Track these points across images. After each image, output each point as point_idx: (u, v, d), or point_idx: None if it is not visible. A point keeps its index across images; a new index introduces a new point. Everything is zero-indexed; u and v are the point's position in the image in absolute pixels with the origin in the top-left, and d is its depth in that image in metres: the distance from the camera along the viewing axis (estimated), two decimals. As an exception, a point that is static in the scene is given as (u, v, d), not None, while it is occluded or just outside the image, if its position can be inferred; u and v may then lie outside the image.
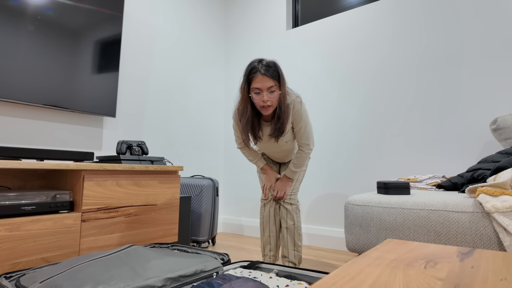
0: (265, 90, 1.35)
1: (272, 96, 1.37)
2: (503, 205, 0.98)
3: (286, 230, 1.60)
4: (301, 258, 1.61)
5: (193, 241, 2.25)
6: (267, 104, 1.37)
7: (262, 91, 1.36)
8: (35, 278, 0.91)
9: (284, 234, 1.61)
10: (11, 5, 1.61)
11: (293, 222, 1.60)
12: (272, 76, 1.36)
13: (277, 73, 1.38)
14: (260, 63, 1.38)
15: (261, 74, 1.35)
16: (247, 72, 1.41)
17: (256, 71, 1.36)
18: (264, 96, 1.35)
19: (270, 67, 1.37)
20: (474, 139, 1.85)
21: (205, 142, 2.85)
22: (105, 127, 2.12)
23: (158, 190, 1.76)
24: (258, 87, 1.36)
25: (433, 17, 2.04)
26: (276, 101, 1.40)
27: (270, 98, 1.37)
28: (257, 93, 1.37)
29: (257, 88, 1.36)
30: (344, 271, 0.49)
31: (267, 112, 1.40)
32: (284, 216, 1.61)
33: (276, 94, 1.38)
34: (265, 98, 1.36)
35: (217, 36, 3.07)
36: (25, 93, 1.66)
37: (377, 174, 2.16)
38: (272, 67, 1.38)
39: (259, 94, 1.36)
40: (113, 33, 2.05)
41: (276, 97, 1.38)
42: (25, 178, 1.63)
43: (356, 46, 2.34)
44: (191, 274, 1.01)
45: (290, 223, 1.60)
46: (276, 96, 1.38)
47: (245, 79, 1.41)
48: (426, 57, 2.05)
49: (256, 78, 1.36)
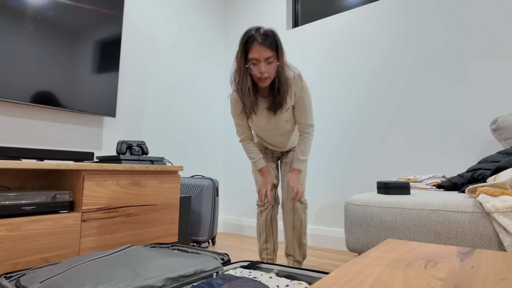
0: (262, 60, 1.27)
1: (270, 68, 1.29)
2: (503, 205, 0.98)
3: (293, 230, 1.54)
4: (305, 254, 1.59)
5: (193, 241, 2.25)
6: (264, 75, 1.29)
7: (260, 62, 1.27)
8: (35, 278, 0.91)
9: (289, 234, 1.55)
10: (11, 5, 1.61)
11: (300, 222, 1.54)
12: (270, 46, 1.27)
13: (275, 43, 1.29)
14: (257, 31, 1.28)
15: (259, 44, 1.25)
16: (243, 40, 1.30)
17: (253, 40, 1.26)
18: (261, 67, 1.27)
19: (268, 36, 1.27)
20: (474, 139, 1.85)
21: (205, 142, 2.85)
22: (105, 127, 2.12)
23: (158, 190, 1.76)
24: (255, 57, 1.27)
25: (433, 17, 2.04)
26: (274, 73, 1.32)
27: (268, 70, 1.28)
28: (254, 64, 1.28)
29: (254, 59, 1.27)
30: (344, 271, 0.49)
31: (264, 84, 1.32)
32: (290, 217, 1.53)
33: (274, 66, 1.29)
34: (263, 70, 1.27)
35: (217, 36, 3.07)
36: (25, 93, 1.66)
37: (377, 174, 2.16)
38: (271, 37, 1.28)
39: (256, 65, 1.28)
40: (113, 33, 2.05)
41: (274, 68, 1.30)
42: (25, 178, 1.63)
43: (356, 46, 2.34)
44: (191, 274, 1.01)
45: (297, 224, 1.54)
46: (274, 68, 1.30)
47: (241, 48, 1.31)
48: (425, 57, 2.05)
49: (254, 48, 1.26)
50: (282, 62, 1.33)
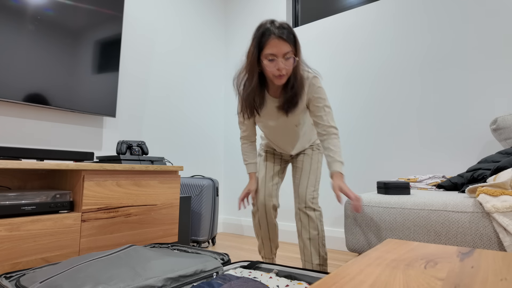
0: (280, 56, 1.16)
1: (288, 63, 1.18)
2: (503, 205, 0.98)
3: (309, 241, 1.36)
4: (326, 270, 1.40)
5: (193, 241, 2.25)
6: (282, 72, 1.18)
7: (277, 57, 1.16)
8: (35, 278, 0.91)
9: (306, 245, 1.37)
10: (11, 5, 1.61)
11: (317, 231, 1.36)
12: (288, 39, 1.16)
13: (292, 36, 1.18)
14: (272, 24, 1.17)
15: (276, 37, 1.14)
16: (258, 35, 1.18)
17: (269, 34, 1.15)
18: (279, 63, 1.16)
19: (285, 29, 1.16)
20: (474, 139, 1.85)
21: (205, 142, 2.85)
22: (105, 127, 2.12)
23: (158, 190, 1.76)
24: (273, 52, 1.16)
25: (433, 17, 2.04)
26: (291, 70, 1.21)
27: (286, 66, 1.18)
28: (271, 60, 1.17)
29: (272, 54, 1.16)
30: (344, 271, 0.49)
31: (281, 81, 1.21)
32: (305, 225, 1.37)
33: (292, 61, 1.19)
34: (281, 66, 1.16)
35: (217, 36, 3.07)
36: (25, 93, 1.66)
37: (377, 174, 2.16)
38: (287, 29, 1.17)
39: (273, 61, 1.17)
40: (113, 33, 2.05)
41: (292, 64, 1.19)
42: (25, 178, 1.63)
43: (356, 47, 2.34)
44: (191, 274, 1.01)
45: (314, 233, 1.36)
46: (292, 63, 1.19)
47: (255, 43, 1.19)
48: (425, 57, 2.05)
49: (271, 42, 1.15)
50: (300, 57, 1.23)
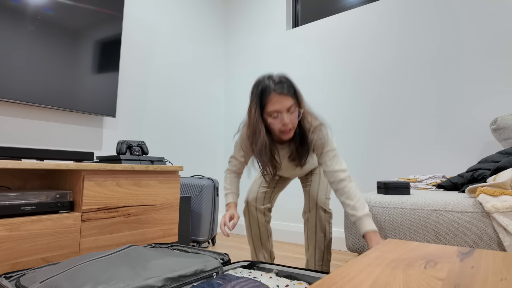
0: (284, 111, 1.12)
1: (293, 117, 1.14)
2: (503, 205, 0.98)
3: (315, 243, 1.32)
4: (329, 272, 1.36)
5: (193, 241, 2.25)
6: (288, 127, 1.14)
7: (281, 113, 1.13)
8: (35, 278, 0.91)
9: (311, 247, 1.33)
10: (11, 5, 1.61)
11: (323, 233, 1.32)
12: (289, 93, 1.12)
13: (292, 88, 1.15)
14: (270, 80, 1.15)
15: (277, 93, 1.11)
16: (257, 93, 1.15)
17: (270, 92, 1.12)
18: (284, 118, 1.12)
19: (283, 83, 1.14)
20: (474, 139, 1.85)
21: (205, 142, 2.85)
22: (105, 127, 2.12)
23: (158, 190, 1.76)
24: (276, 109, 1.12)
25: (433, 17, 2.04)
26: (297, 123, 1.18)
27: (292, 120, 1.14)
28: (275, 117, 1.14)
29: (276, 111, 1.12)
30: (344, 271, 0.49)
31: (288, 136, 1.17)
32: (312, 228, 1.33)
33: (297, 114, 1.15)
34: (286, 121, 1.12)
35: (217, 36, 3.07)
36: (25, 93, 1.66)
37: (377, 174, 2.16)
38: (286, 82, 1.14)
39: (277, 118, 1.13)
40: (113, 33, 2.05)
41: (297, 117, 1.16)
42: (25, 178, 1.63)
43: (356, 46, 2.34)
44: (191, 274, 1.01)
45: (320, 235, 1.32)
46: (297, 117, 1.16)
47: (256, 102, 1.16)
48: (425, 57, 2.05)
49: (272, 99, 1.12)
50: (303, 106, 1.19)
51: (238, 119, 2.95)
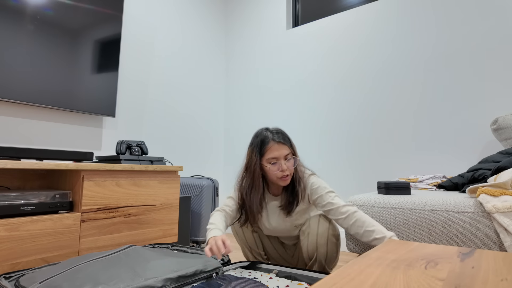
0: (282, 158, 1.25)
1: (290, 164, 1.27)
2: (503, 205, 0.98)
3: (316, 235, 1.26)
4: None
5: (193, 241, 2.25)
6: (286, 173, 1.25)
7: (280, 160, 1.25)
8: (34, 279, 0.91)
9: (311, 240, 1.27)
10: (11, 5, 1.61)
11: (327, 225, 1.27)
12: (286, 142, 1.27)
13: (288, 139, 1.30)
14: (268, 131, 1.29)
15: (276, 142, 1.25)
16: (257, 142, 1.28)
17: (269, 141, 1.26)
18: (282, 164, 1.24)
19: (281, 134, 1.29)
20: (475, 139, 1.85)
21: (205, 142, 2.85)
22: (104, 127, 2.12)
23: (158, 190, 1.76)
24: (275, 156, 1.24)
25: (433, 17, 2.04)
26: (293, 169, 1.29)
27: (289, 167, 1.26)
28: (274, 163, 1.25)
29: (274, 158, 1.24)
30: (345, 272, 0.49)
31: (286, 182, 1.27)
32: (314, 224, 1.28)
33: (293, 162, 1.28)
34: (284, 167, 1.24)
35: (217, 35, 3.07)
36: (24, 93, 1.65)
37: (377, 174, 2.16)
38: (282, 133, 1.30)
39: (276, 164, 1.25)
40: (112, 33, 2.05)
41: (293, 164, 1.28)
42: (25, 178, 1.63)
43: (356, 46, 2.34)
44: (191, 274, 1.01)
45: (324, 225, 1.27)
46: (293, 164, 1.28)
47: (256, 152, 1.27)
48: (426, 57, 2.04)
49: (272, 147, 1.25)
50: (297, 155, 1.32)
51: (238, 119, 2.95)
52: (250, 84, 2.91)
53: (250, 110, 2.87)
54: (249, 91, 2.90)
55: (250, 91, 2.89)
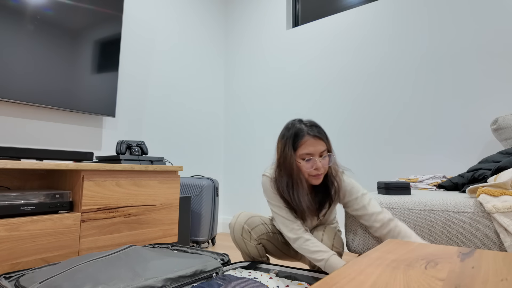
0: (317, 155, 1.12)
1: (325, 162, 1.14)
2: (503, 205, 0.98)
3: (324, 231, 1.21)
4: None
5: (193, 241, 2.25)
6: (320, 171, 1.12)
7: (314, 156, 1.12)
8: (34, 279, 0.91)
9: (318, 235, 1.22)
10: (10, 5, 1.61)
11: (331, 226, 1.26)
12: (322, 137, 1.13)
13: (324, 133, 1.16)
14: (302, 123, 1.16)
15: (312, 136, 1.12)
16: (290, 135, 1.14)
17: (304, 134, 1.12)
18: (317, 162, 1.11)
19: (317, 127, 1.15)
20: (475, 139, 1.85)
21: (205, 142, 2.85)
22: (104, 127, 2.12)
23: (157, 190, 1.76)
24: (310, 152, 1.12)
25: (432, 16, 2.04)
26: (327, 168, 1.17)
27: (324, 165, 1.13)
28: (308, 160, 1.12)
29: (309, 154, 1.12)
30: (345, 272, 0.49)
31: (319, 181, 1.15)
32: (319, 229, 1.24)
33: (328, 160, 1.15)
34: (319, 165, 1.11)
35: (217, 35, 3.07)
36: (24, 93, 1.65)
37: (377, 174, 2.16)
38: (318, 127, 1.15)
39: (310, 161, 1.12)
40: (112, 33, 2.05)
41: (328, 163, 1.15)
42: (25, 178, 1.63)
43: (356, 46, 2.34)
44: (191, 274, 1.01)
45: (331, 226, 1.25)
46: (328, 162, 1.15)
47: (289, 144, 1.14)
48: (426, 56, 2.04)
49: (307, 142, 1.12)
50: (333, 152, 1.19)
51: (238, 119, 2.95)
52: (250, 84, 2.90)
53: (250, 110, 2.87)
54: (249, 91, 2.90)
55: (250, 91, 2.89)
